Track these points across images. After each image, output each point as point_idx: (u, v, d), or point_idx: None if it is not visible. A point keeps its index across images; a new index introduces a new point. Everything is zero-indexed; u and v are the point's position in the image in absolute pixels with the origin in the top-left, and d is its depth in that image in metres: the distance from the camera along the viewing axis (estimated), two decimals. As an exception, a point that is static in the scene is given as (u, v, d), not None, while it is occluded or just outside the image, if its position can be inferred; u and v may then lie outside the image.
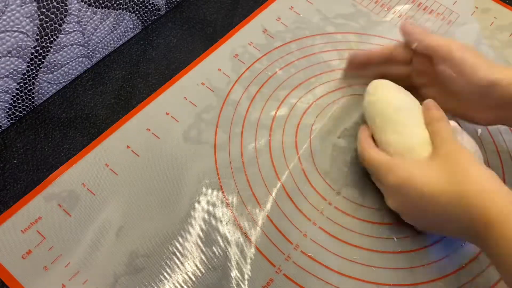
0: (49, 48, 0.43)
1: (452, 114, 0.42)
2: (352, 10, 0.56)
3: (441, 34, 0.55)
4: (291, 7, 0.56)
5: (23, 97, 0.45)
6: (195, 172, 0.43)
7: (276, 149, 0.45)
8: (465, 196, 0.33)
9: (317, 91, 0.49)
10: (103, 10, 0.46)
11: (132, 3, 0.49)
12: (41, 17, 0.40)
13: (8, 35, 0.39)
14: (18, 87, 0.43)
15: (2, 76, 0.41)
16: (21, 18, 0.39)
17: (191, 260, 0.39)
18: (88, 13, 0.45)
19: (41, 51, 0.43)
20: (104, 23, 0.47)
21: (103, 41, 0.49)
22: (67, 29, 0.44)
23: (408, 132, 0.39)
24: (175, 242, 0.39)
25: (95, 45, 0.48)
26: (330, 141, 0.46)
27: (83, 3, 0.43)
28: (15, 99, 0.44)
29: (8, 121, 0.45)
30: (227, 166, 0.44)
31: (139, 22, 0.52)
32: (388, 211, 0.41)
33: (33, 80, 0.44)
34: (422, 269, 0.39)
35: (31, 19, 0.40)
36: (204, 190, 0.42)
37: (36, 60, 0.43)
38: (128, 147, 0.44)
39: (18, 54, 0.41)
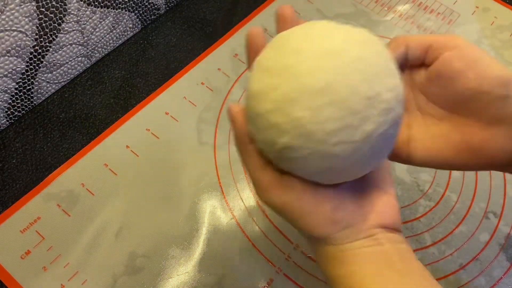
0: (48, 48, 0.43)
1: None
2: (352, 10, 0.56)
3: (441, 33, 0.55)
4: (291, 6, 0.56)
5: (22, 97, 0.44)
6: (195, 172, 0.43)
7: (276, 149, 0.45)
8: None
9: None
10: (102, 10, 0.46)
11: (131, 2, 0.49)
12: (40, 16, 0.40)
13: (7, 35, 0.39)
14: (17, 86, 0.43)
15: (1, 75, 0.41)
16: (20, 17, 0.39)
17: (190, 260, 0.39)
18: (87, 12, 0.45)
19: (40, 50, 0.43)
20: (103, 22, 0.47)
21: (102, 40, 0.49)
22: (66, 28, 0.44)
23: None
24: (174, 242, 0.39)
25: (94, 45, 0.48)
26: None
27: (82, 2, 0.43)
28: (14, 98, 0.44)
29: (7, 121, 0.45)
30: (227, 166, 0.44)
31: (139, 22, 0.52)
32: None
33: (32, 80, 0.44)
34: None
35: (30, 18, 0.40)
36: (204, 190, 0.42)
37: (35, 59, 0.43)
38: (127, 147, 0.44)
39: (17, 54, 0.41)
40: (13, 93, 0.43)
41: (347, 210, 0.27)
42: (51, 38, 0.43)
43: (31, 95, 0.45)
